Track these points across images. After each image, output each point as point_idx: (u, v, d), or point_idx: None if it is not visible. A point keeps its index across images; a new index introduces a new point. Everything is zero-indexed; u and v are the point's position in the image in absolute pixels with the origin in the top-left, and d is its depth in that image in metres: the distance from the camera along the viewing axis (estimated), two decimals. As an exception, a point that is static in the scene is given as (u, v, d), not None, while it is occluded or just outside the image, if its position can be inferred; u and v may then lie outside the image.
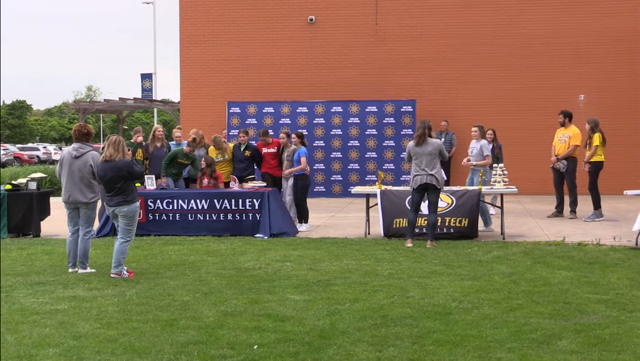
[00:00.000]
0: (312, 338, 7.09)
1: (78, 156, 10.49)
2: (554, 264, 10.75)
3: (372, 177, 21.08)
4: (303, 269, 10.45)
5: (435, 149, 12.47)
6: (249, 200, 13.94)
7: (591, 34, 21.36)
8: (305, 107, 21.87)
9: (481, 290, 9.05)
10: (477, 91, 21.78)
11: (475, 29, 21.81)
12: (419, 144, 12.51)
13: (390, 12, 22.14)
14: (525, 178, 20.10)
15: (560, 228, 14.44)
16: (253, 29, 22.61)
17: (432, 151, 12.45)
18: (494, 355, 6.57)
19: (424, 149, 12.47)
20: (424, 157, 12.46)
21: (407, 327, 7.43)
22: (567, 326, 7.41)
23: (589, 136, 15.64)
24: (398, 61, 22.11)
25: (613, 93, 21.21)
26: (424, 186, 12.50)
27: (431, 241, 12.50)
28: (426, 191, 12.58)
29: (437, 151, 12.47)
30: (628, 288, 9.17)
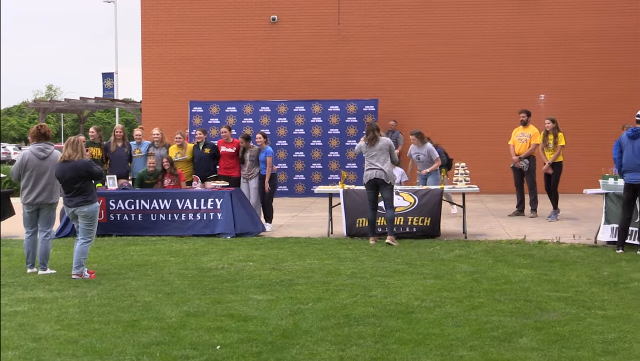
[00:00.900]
0: (275, 337, 7.09)
1: (45, 157, 10.37)
2: (515, 262, 10.85)
3: (334, 177, 21.11)
4: (266, 269, 10.44)
5: (385, 145, 12.74)
6: (211, 200, 13.89)
7: (552, 34, 21.57)
8: (268, 107, 21.84)
9: (443, 289, 9.11)
10: (439, 91, 21.90)
11: (437, 29, 21.94)
12: (371, 144, 12.77)
13: (352, 12, 22.19)
14: (487, 177, 20.25)
15: (521, 227, 14.58)
16: (215, 28, 22.53)
17: (382, 147, 12.71)
18: (455, 353, 6.62)
19: (375, 147, 12.73)
20: (375, 152, 12.70)
21: (370, 326, 7.46)
22: (527, 324, 7.48)
23: (554, 135, 15.73)
24: (360, 60, 22.17)
25: (573, 93, 21.44)
26: (374, 181, 12.66)
27: (391, 236, 12.59)
28: (378, 188, 12.72)
29: (387, 147, 12.74)
30: (587, 285, 9.29)
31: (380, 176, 12.61)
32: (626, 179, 11.75)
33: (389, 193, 12.74)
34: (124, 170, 15.27)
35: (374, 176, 12.64)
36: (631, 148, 11.67)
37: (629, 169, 11.67)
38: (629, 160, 11.66)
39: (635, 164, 11.56)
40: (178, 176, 14.68)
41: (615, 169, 14.38)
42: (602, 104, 21.24)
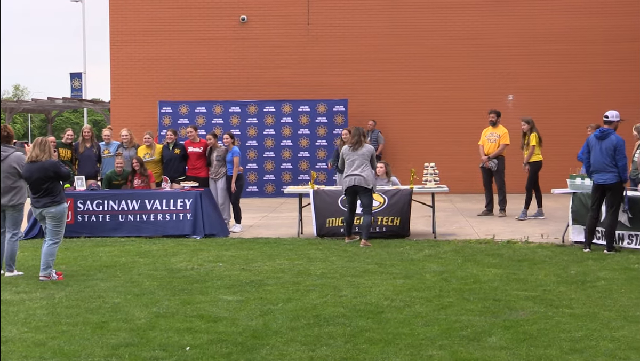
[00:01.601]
0: (245, 338, 7.08)
1: (2, 159, 10.24)
2: (484, 262, 10.91)
3: (304, 177, 21.11)
4: (236, 270, 10.42)
5: (368, 152, 12.78)
6: (180, 200, 13.84)
7: (520, 35, 21.72)
8: (238, 107, 21.80)
9: (413, 288, 9.14)
10: (409, 91, 21.97)
11: (406, 29, 22.00)
12: (354, 149, 12.79)
13: (321, 12, 22.20)
14: (456, 177, 20.36)
15: (490, 227, 14.68)
16: (185, 28, 22.43)
17: (364, 153, 12.74)
18: (425, 352, 6.65)
19: (358, 152, 12.74)
20: (357, 159, 12.72)
21: (340, 326, 7.47)
22: (496, 323, 7.53)
23: (527, 135, 15.88)
24: (330, 61, 22.19)
25: (541, 93, 21.61)
26: (354, 188, 12.72)
27: (365, 240, 12.60)
28: (357, 193, 12.77)
29: (369, 154, 12.78)
30: (555, 284, 9.37)
31: (360, 182, 12.65)
32: (594, 180, 11.86)
33: (368, 199, 12.79)
34: (92, 171, 15.18)
35: (352, 183, 12.69)
36: (599, 148, 11.77)
37: (596, 170, 11.78)
38: (597, 160, 11.77)
39: (603, 165, 11.67)
40: (148, 177, 14.60)
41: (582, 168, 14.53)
42: (570, 105, 21.43)
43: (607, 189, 11.75)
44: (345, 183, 12.80)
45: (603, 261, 10.87)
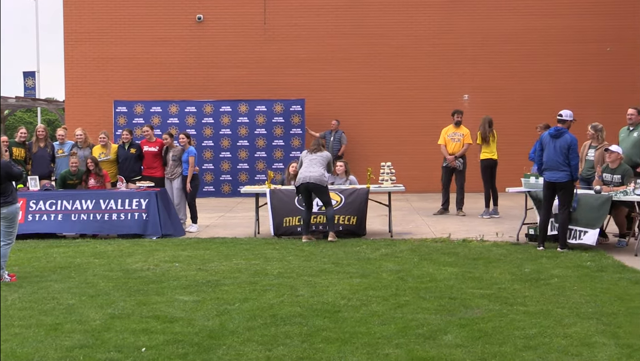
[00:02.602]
0: (201, 338, 7.04)
1: None
2: (440, 260, 10.99)
3: (261, 177, 21.07)
4: (192, 270, 10.36)
5: (326, 156, 13.19)
6: (136, 200, 13.73)
7: (476, 35, 21.89)
8: (194, 107, 21.67)
9: (369, 287, 9.17)
10: (366, 91, 22.04)
11: (363, 29, 22.06)
12: (312, 152, 13.19)
13: (278, 11, 22.17)
14: (412, 177, 20.46)
15: (446, 225, 14.78)
16: (140, 26, 22.25)
17: (323, 155, 13.13)
18: (382, 351, 6.67)
19: (313, 156, 13.10)
20: (313, 159, 13.04)
21: (297, 326, 7.47)
22: (452, 321, 7.59)
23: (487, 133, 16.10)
24: (287, 60, 22.16)
25: (496, 93, 21.81)
26: (306, 185, 12.86)
27: (332, 234, 12.85)
28: (312, 191, 12.92)
29: (325, 159, 13.15)
30: (509, 282, 9.47)
31: (312, 180, 12.83)
32: (546, 177, 12.00)
33: (324, 196, 13.00)
34: (46, 171, 14.99)
35: (307, 180, 12.85)
36: (552, 147, 11.92)
37: (549, 168, 11.92)
38: (550, 158, 11.91)
39: (556, 163, 11.82)
40: (103, 177, 14.47)
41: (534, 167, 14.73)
42: (523, 104, 21.66)
43: (558, 188, 11.89)
44: (298, 181, 12.94)
45: (556, 259, 11.01)
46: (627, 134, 13.08)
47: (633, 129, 13.02)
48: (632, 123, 13.03)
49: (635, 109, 13.13)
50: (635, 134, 12.93)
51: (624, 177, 12.33)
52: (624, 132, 13.20)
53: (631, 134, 12.99)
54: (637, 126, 13.04)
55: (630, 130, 13.06)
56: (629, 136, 13.01)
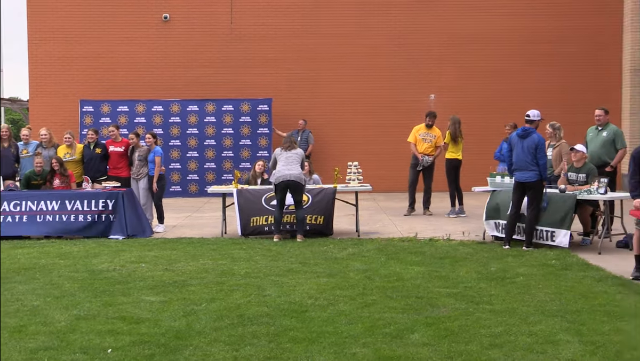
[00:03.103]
0: (167, 339, 7.02)
1: None
2: (406, 260, 11.03)
3: (228, 177, 21.00)
4: (159, 270, 10.31)
5: (300, 154, 13.22)
6: (102, 200, 13.63)
7: (442, 35, 21.99)
8: (161, 106, 21.56)
9: (337, 287, 9.19)
10: (332, 90, 22.06)
11: (330, 29, 22.08)
12: (287, 150, 13.18)
13: (245, 11, 22.12)
14: (379, 176, 20.51)
15: (413, 225, 14.84)
16: (106, 25, 22.08)
17: (297, 152, 13.17)
18: (349, 350, 6.69)
19: (289, 153, 13.09)
20: (291, 156, 13.08)
21: (264, 325, 7.46)
22: (419, 320, 7.63)
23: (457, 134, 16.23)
24: (254, 60, 22.12)
25: (462, 93, 21.93)
26: (287, 183, 12.89)
27: (301, 235, 12.93)
28: (288, 189, 12.94)
29: (299, 157, 13.17)
30: (476, 281, 9.53)
31: (295, 178, 12.90)
32: (515, 178, 12.10)
33: (300, 195, 13.07)
34: (10, 171, 14.83)
35: (287, 178, 12.89)
36: (521, 147, 12.02)
37: (518, 168, 12.02)
38: (519, 158, 12.01)
39: (525, 163, 11.92)
40: (68, 177, 14.34)
41: (499, 167, 14.86)
42: (488, 104, 21.80)
43: (528, 188, 12.00)
44: (278, 178, 12.93)
45: (522, 258, 11.10)
46: (595, 133, 13.31)
47: (602, 129, 13.27)
48: (600, 123, 13.31)
49: (602, 109, 13.37)
50: (604, 133, 13.20)
51: (588, 176, 12.47)
52: (592, 131, 13.43)
53: (600, 134, 13.23)
54: (605, 125, 13.29)
55: (598, 130, 13.31)
56: (597, 135, 13.24)
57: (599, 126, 13.34)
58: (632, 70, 21.33)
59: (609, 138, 13.16)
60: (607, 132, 13.21)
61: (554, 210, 11.98)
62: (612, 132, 13.23)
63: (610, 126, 13.35)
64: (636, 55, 21.33)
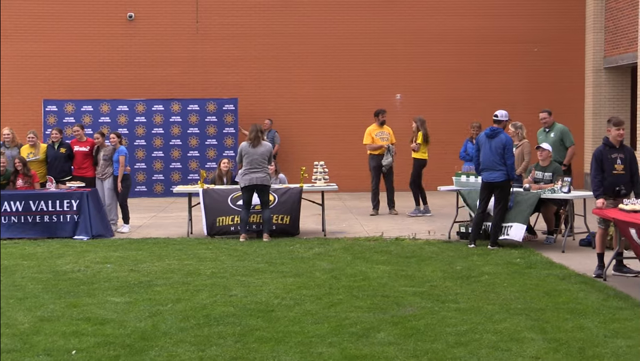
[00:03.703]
0: (133, 340, 6.98)
1: None
2: (373, 259, 11.06)
3: (194, 177, 20.91)
4: (124, 271, 10.25)
5: (267, 151, 13.09)
6: (67, 201, 13.51)
7: (409, 35, 22.04)
8: (126, 106, 21.41)
9: (303, 287, 9.19)
10: (299, 90, 22.05)
11: (296, 28, 22.07)
12: (254, 145, 13.00)
13: (211, 10, 22.03)
14: (345, 176, 20.55)
15: (379, 224, 14.89)
16: (70, 24, 21.87)
17: (264, 152, 13.05)
18: (315, 350, 6.70)
19: (257, 150, 13.02)
20: (256, 157, 12.98)
21: (230, 326, 7.45)
22: (385, 319, 7.66)
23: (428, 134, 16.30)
24: (220, 59, 22.05)
25: (428, 93, 22.02)
26: (254, 186, 12.89)
27: (267, 235, 12.91)
28: (255, 189, 12.93)
29: (268, 153, 13.10)
30: (441, 279, 9.59)
31: (262, 181, 12.92)
32: (483, 178, 12.18)
33: (267, 196, 13.08)
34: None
35: (254, 182, 12.89)
36: (488, 147, 12.09)
37: (486, 168, 12.10)
38: (487, 158, 12.08)
39: (493, 163, 12.00)
40: (32, 177, 14.19)
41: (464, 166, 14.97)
42: (454, 104, 21.91)
43: (495, 187, 12.08)
44: (245, 181, 12.90)
45: (487, 256, 11.19)
46: (544, 135, 13.54)
47: (549, 130, 13.53)
48: (547, 125, 13.52)
49: (545, 111, 13.61)
50: (552, 134, 13.45)
51: (554, 174, 12.60)
52: (541, 134, 13.68)
53: (548, 135, 13.48)
54: (552, 126, 13.51)
55: (546, 131, 13.55)
56: (546, 137, 13.47)
57: (546, 128, 13.58)
58: (595, 70, 21.58)
59: (557, 138, 13.38)
60: (555, 132, 13.47)
61: (515, 207, 12.11)
62: (560, 132, 13.46)
63: (557, 126, 13.57)
64: (598, 56, 21.60)
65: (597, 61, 21.58)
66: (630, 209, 9.39)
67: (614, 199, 10.00)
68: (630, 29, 19.94)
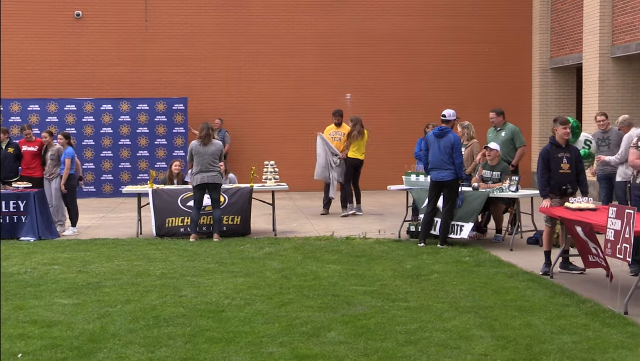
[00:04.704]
0: (81, 342, 6.90)
1: None
2: (323, 258, 11.08)
3: (144, 176, 20.74)
4: (72, 272, 10.12)
5: (217, 149, 13.03)
6: (13, 202, 13.29)
7: (359, 35, 22.13)
8: (74, 105, 21.14)
9: (253, 286, 9.18)
10: (249, 90, 21.99)
11: (246, 28, 22.00)
12: (204, 144, 12.92)
13: (160, 9, 21.86)
14: (295, 175, 20.55)
15: (329, 223, 14.92)
16: (16, 22, 21.53)
17: (214, 151, 12.97)
18: (266, 349, 6.69)
19: (207, 149, 12.94)
20: (207, 156, 12.90)
21: (180, 326, 7.41)
22: (335, 318, 7.68)
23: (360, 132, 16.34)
24: (169, 58, 21.89)
25: (378, 92, 22.12)
26: (205, 185, 12.85)
27: (217, 235, 12.86)
28: (206, 188, 12.90)
29: (219, 151, 13.04)
30: (391, 278, 9.64)
31: (213, 180, 12.86)
32: (432, 177, 12.27)
33: (218, 194, 13.04)
34: None
35: (205, 181, 12.83)
36: (437, 146, 12.18)
37: (435, 167, 12.19)
38: (435, 158, 12.17)
39: (441, 162, 12.09)
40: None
41: (418, 165, 15.07)
42: (405, 104, 22.04)
43: (444, 186, 12.18)
44: (197, 180, 12.85)
45: (436, 255, 11.28)
46: (494, 134, 13.66)
47: (500, 129, 13.64)
48: (497, 124, 13.64)
49: (494, 111, 13.71)
50: (502, 133, 13.57)
51: (502, 173, 12.75)
52: (491, 132, 13.79)
53: (498, 134, 13.60)
54: (503, 126, 13.65)
55: (497, 130, 13.66)
56: (496, 136, 13.59)
57: (496, 127, 13.69)
58: (542, 71, 21.90)
59: (507, 138, 13.51)
60: (506, 132, 13.60)
61: (464, 206, 12.23)
62: (510, 132, 13.61)
63: (508, 126, 13.71)
64: (545, 56, 21.92)
65: (544, 61, 21.91)
66: (576, 207, 9.54)
67: (561, 198, 10.15)
68: (575, 30, 20.28)
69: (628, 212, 7.88)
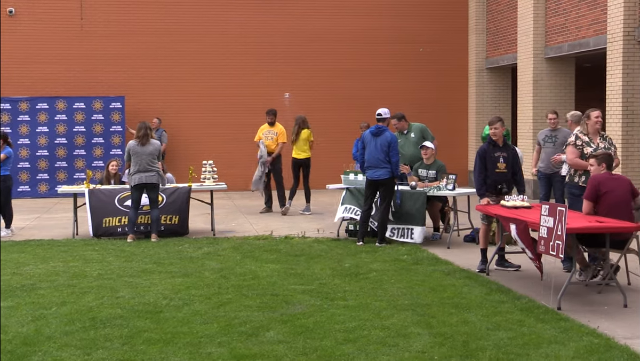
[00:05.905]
0: (14, 346, 6.78)
1: None
2: (262, 258, 11.08)
3: (81, 175, 20.45)
4: (6, 274, 9.93)
5: (155, 149, 12.93)
6: (-56, 203, 13.02)
7: (295, 34, 22.15)
8: (8, 104, 20.75)
9: (192, 287, 9.13)
10: (186, 89, 21.85)
11: (180, 26, 21.83)
12: (142, 144, 12.81)
13: (96, 7, 21.58)
14: (234, 175, 20.51)
15: (268, 223, 14.91)
16: (-54, 19, 21.07)
17: (152, 151, 12.87)
18: (204, 350, 6.67)
19: (145, 149, 12.83)
20: (145, 156, 12.80)
21: (117, 328, 7.34)
22: (274, 318, 7.68)
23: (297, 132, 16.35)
24: (106, 57, 21.62)
25: (316, 92, 22.17)
26: (144, 185, 12.78)
27: (155, 235, 12.77)
28: (144, 188, 12.83)
29: (157, 151, 12.95)
30: (330, 277, 9.68)
31: (152, 180, 12.76)
32: (368, 176, 12.33)
33: (156, 194, 12.93)
34: None
35: (143, 181, 12.74)
36: (374, 145, 12.24)
37: (371, 165, 12.24)
38: (372, 156, 12.23)
39: (378, 160, 12.16)
40: None
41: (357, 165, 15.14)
42: (343, 103, 22.13)
43: (380, 185, 12.26)
44: (135, 180, 12.74)
45: (375, 254, 11.36)
46: (403, 138, 13.68)
47: (407, 132, 13.72)
48: (401, 129, 13.76)
49: (395, 117, 13.76)
50: (411, 135, 13.73)
51: (438, 172, 12.88)
52: (400, 137, 13.68)
53: (408, 137, 13.71)
54: (409, 127, 13.76)
55: (404, 134, 13.72)
56: (406, 139, 13.69)
57: (402, 131, 13.78)
58: (478, 71, 22.22)
59: (418, 138, 13.63)
60: (415, 132, 13.73)
61: (408, 208, 12.32)
62: (419, 131, 13.75)
63: (414, 126, 13.83)
64: (481, 56, 22.24)
65: (480, 61, 22.23)
66: (511, 205, 9.70)
67: (497, 197, 10.31)
68: (510, 30, 20.62)
69: (560, 210, 8.04)
